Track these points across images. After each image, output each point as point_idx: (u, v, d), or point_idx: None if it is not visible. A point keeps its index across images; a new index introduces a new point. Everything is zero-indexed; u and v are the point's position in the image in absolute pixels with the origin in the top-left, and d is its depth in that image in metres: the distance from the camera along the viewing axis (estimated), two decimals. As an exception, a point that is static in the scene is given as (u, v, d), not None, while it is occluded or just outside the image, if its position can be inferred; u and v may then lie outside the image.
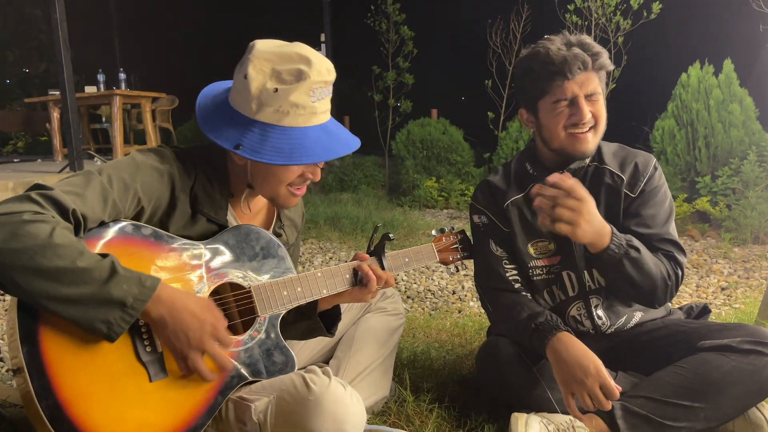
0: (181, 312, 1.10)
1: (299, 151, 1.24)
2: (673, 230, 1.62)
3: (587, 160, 1.64)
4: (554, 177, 1.44)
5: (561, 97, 1.53)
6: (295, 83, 1.22)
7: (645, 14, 5.34)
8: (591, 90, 1.52)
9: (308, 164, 1.31)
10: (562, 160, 1.62)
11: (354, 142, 1.34)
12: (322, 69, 1.25)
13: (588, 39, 1.54)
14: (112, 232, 1.15)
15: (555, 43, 1.53)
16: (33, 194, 1.05)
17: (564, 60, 1.49)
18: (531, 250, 1.69)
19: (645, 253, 1.52)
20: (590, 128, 1.55)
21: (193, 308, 1.12)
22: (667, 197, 1.64)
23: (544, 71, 1.53)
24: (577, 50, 1.50)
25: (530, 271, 1.68)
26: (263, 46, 1.26)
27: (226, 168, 1.37)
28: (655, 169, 1.64)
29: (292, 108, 1.24)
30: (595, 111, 1.54)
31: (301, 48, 1.26)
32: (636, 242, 1.52)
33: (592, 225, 1.44)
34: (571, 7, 5.57)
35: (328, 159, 1.27)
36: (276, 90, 1.22)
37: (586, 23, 5.52)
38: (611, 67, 1.56)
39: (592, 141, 1.57)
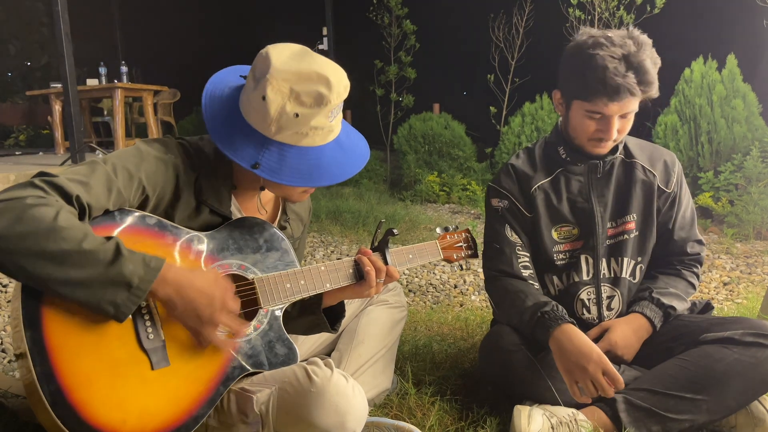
0: (188, 290, 1.11)
1: (317, 171, 1.26)
2: (696, 229, 1.75)
3: (616, 153, 1.69)
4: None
5: (597, 111, 1.52)
6: (316, 107, 1.21)
7: (648, 9, 5.31)
8: (628, 110, 1.52)
9: None
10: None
11: (365, 152, 1.37)
12: (340, 90, 1.23)
13: (646, 61, 1.47)
14: (117, 220, 1.16)
15: (613, 61, 1.45)
16: (36, 180, 1.05)
17: (617, 87, 1.45)
18: (555, 235, 1.70)
19: (679, 298, 1.65)
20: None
21: (200, 284, 1.13)
22: (690, 197, 1.76)
23: (593, 86, 1.48)
24: (631, 79, 1.45)
25: (554, 255, 1.70)
26: (280, 63, 1.20)
27: (231, 161, 1.36)
28: (681, 168, 1.73)
29: (311, 130, 1.24)
30: (623, 127, 1.57)
31: (319, 65, 1.22)
32: (670, 295, 1.63)
33: (634, 344, 1.59)
34: (574, 2, 5.55)
35: (344, 179, 1.29)
36: (297, 115, 1.21)
37: (589, 17, 5.50)
38: (656, 95, 1.53)
39: (609, 146, 1.62)
